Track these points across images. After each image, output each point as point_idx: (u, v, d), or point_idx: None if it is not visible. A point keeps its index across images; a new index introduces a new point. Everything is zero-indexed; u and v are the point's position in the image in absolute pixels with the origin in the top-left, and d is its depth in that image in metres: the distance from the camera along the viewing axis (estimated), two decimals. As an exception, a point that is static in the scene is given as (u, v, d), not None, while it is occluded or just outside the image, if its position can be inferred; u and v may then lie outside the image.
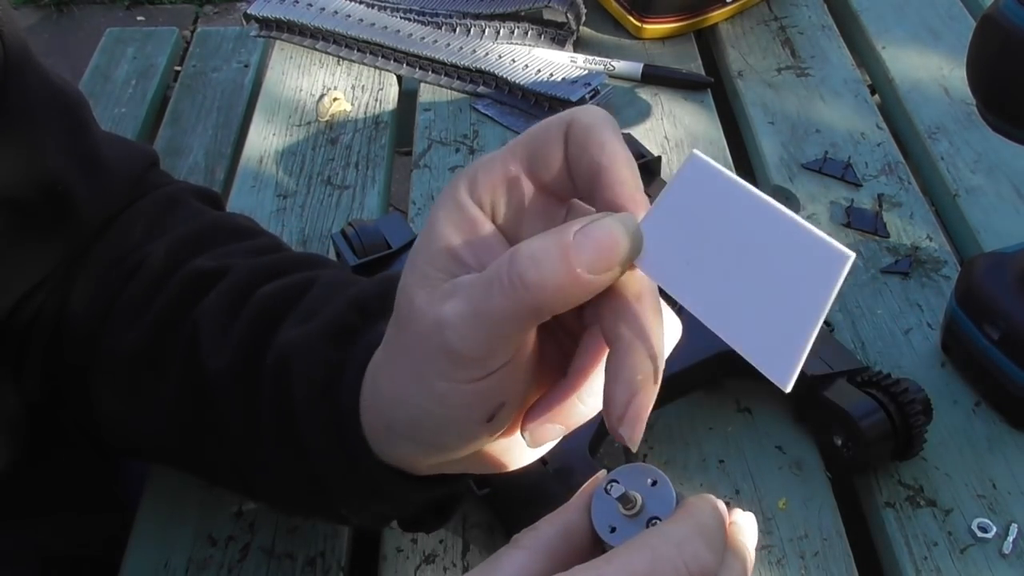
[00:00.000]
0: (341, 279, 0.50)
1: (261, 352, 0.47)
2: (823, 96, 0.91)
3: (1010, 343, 0.61)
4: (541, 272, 0.33)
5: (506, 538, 0.57)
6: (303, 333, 0.46)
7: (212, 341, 0.50)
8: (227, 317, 0.50)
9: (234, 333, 0.49)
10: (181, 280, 0.53)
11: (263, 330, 0.48)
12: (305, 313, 0.48)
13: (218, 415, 0.49)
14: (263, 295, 0.50)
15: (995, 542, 0.57)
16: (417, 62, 0.95)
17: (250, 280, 0.51)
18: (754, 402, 0.64)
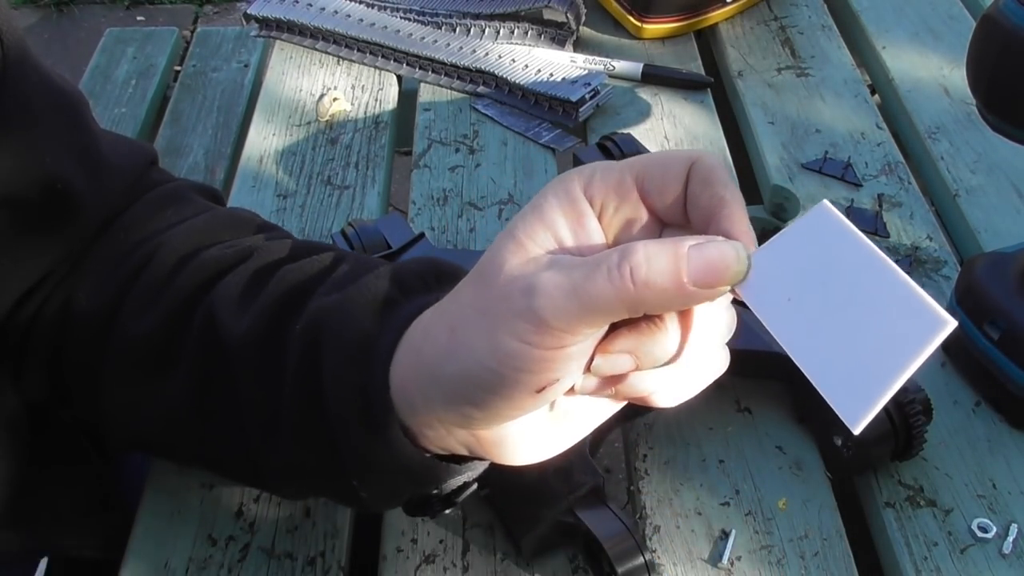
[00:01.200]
0: (369, 259, 0.51)
1: (289, 318, 0.47)
2: (823, 96, 0.91)
3: (1010, 343, 0.61)
4: (651, 271, 0.35)
5: (506, 538, 0.57)
6: (339, 300, 0.46)
7: (231, 314, 0.49)
8: (249, 291, 0.50)
9: (257, 304, 0.49)
10: (198, 266, 0.53)
11: (291, 299, 0.48)
12: (337, 284, 0.48)
13: (235, 387, 0.49)
14: (289, 270, 0.50)
15: (995, 542, 0.57)
16: (417, 62, 0.95)
17: (274, 261, 0.51)
18: (754, 402, 0.64)
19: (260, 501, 0.60)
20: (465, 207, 0.80)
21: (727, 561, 0.56)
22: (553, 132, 0.88)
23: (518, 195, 0.81)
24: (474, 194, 0.81)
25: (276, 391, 0.47)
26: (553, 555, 0.56)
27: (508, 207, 0.80)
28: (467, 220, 0.79)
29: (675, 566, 0.56)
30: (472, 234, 0.77)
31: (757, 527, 0.58)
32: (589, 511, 0.54)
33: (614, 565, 0.52)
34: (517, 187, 0.82)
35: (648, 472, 0.61)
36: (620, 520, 0.53)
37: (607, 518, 0.54)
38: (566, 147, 0.86)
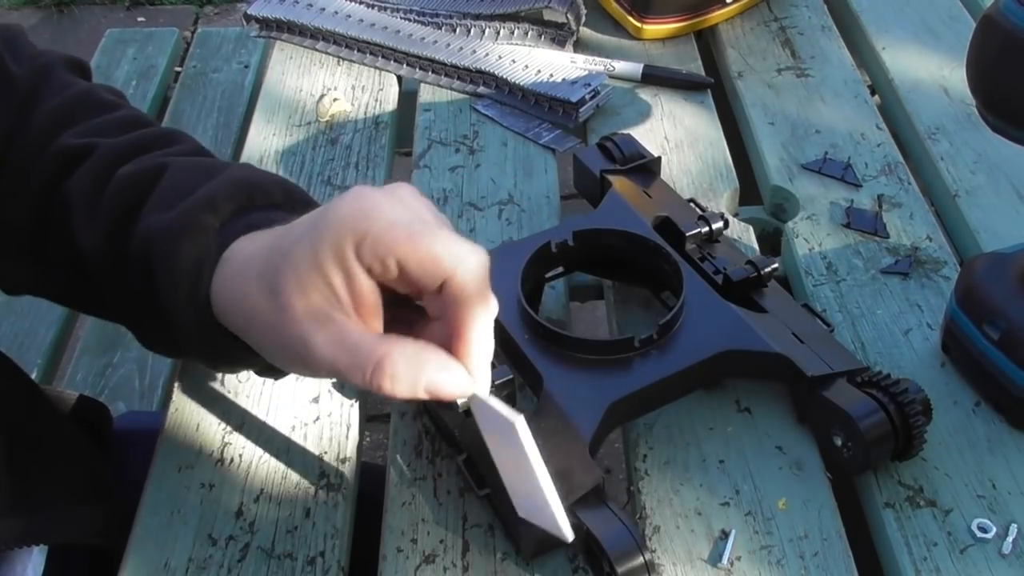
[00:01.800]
0: (192, 165, 0.58)
1: (126, 235, 0.55)
2: (823, 96, 0.91)
3: (1010, 343, 0.61)
4: (394, 388, 0.46)
5: (506, 538, 0.57)
6: (162, 225, 0.54)
7: (81, 220, 0.58)
8: (91, 197, 0.58)
9: (99, 214, 0.57)
10: (52, 157, 0.60)
11: (123, 214, 0.56)
12: (161, 200, 0.55)
13: (92, 280, 0.58)
14: (122, 177, 0.57)
15: (995, 542, 0.57)
16: (417, 62, 0.95)
17: (110, 160, 0.59)
18: (754, 402, 0.64)
19: (260, 501, 0.60)
20: (465, 207, 0.80)
21: (727, 561, 0.56)
22: (553, 132, 0.88)
23: (518, 195, 0.81)
24: (474, 194, 0.81)
25: (124, 291, 0.57)
26: (553, 555, 0.56)
27: (508, 207, 0.80)
28: (467, 220, 0.79)
29: (675, 566, 0.56)
30: (472, 234, 0.77)
31: (757, 527, 0.58)
32: (589, 511, 0.54)
33: (614, 565, 0.52)
34: (517, 187, 0.82)
35: (648, 472, 0.61)
36: (620, 520, 0.54)
37: (607, 518, 0.54)
38: (566, 147, 0.86)
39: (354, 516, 0.60)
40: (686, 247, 0.69)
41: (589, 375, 0.60)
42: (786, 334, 0.63)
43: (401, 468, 0.62)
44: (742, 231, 0.77)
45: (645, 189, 0.74)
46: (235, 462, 0.62)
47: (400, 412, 0.65)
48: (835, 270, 0.73)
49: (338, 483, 0.61)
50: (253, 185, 0.56)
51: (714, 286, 0.66)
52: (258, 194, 0.56)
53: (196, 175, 0.56)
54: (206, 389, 0.67)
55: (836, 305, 0.71)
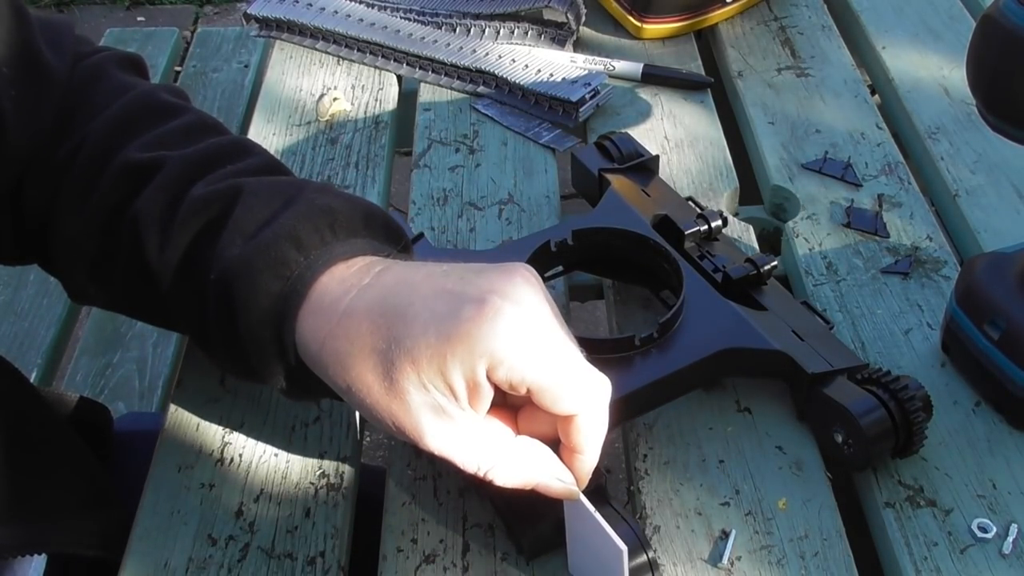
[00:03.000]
0: (269, 188, 0.55)
1: (202, 262, 0.54)
2: (823, 96, 0.91)
3: (1010, 343, 0.61)
4: (506, 483, 0.50)
5: (507, 538, 0.57)
6: (243, 258, 0.52)
7: (154, 242, 0.55)
8: (164, 218, 0.55)
9: (172, 237, 0.55)
10: (118, 172, 0.57)
11: (198, 239, 0.54)
12: (239, 228, 0.53)
13: (164, 301, 0.56)
14: (195, 199, 0.55)
15: (995, 542, 0.57)
16: (417, 62, 0.95)
17: (181, 176, 0.56)
18: (754, 402, 0.64)
19: (260, 501, 0.60)
20: (465, 207, 0.80)
21: (727, 561, 0.56)
22: (553, 132, 0.88)
23: (518, 195, 0.81)
24: (474, 194, 0.81)
25: (199, 317, 0.55)
26: (553, 555, 0.56)
27: (508, 207, 0.80)
28: (467, 220, 0.79)
29: (675, 566, 0.56)
30: (472, 234, 0.77)
31: (757, 527, 0.58)
32: None
33: None
34: (517, 187, 0.82)
35: (648, 472, 0.61)
36: (623, 518, 0.53)
37: (610, 517, 0.54)
38: (566, 147, 0.86)
39: (354, 516, 0.60)
40: (685, 245, 0.69)
41: (589, 375, 0.60)
42: (786, 332, 0.63)
43: (401, 468, 0.61)
44: (742, 231, 0.77)
45: (644, 188, 0.74)
46: (235, 462, 0.62)
47: (400, 412, 0.65)
48: (835, 270, 0.73)
49: (338, 483, 0.61)
50: (335, 214, 0.53)
51: (713, 284, 0.66)
52: (341, 223, 0.53)
53: (274, 199, 0.54)
54: (206, 389, 0.66)
55: (836, 305, 0.71)
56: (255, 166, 0.58)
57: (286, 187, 0.56)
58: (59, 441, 0.66)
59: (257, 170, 0.58)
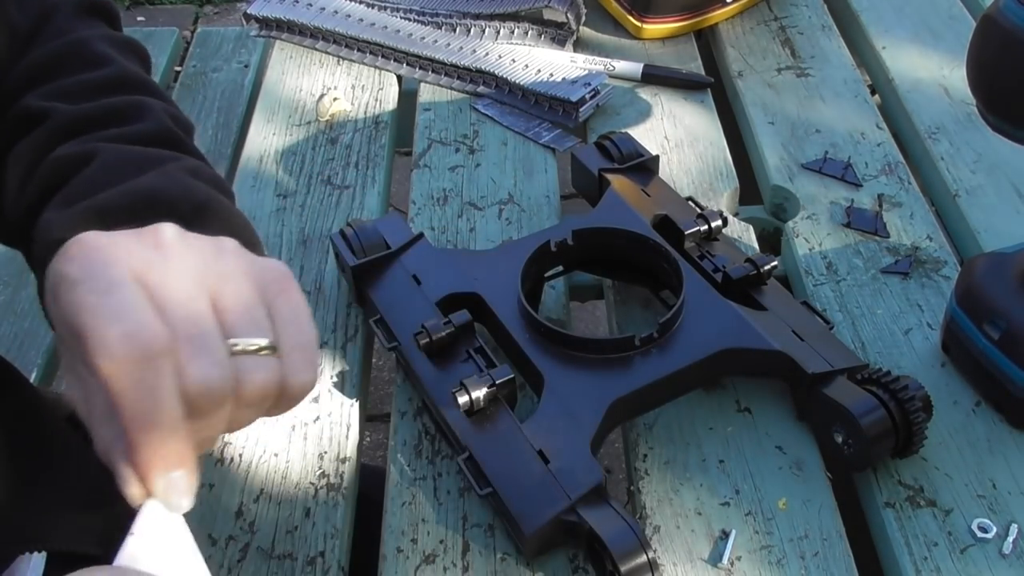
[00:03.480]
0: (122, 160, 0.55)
1: (37, 216, 0.54)
2: (823, 96, 0.91)
3: (1010, 343, 0.61)
4: None
5: (507, 538, 0.57)
6: (52, 224, 0.52)
7: (10, 193, 0.57)
8: (24, 172, 0.57)
9: (23, 195, 0.56)
10: (13, 116, 0.59)
11: (37, 201, 0.55)
12: (70, 194, 0.54)
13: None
14: (52, 159, 0.56)
15: (995, 542, 0.57)
16: (417, 62, 0.95)
17: (55, 133, 0.57)
18: (754, 402, 0.64)
19: (260, 501, 0.60)
20: (465, 207, 0.80)
21: (727, 561, 0.56)
22: (553, 132, 0.88)
23: (518, 195, 0.81)
24: (474, 194, 0.81)
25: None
26: (553, 555, 0.56)
27: (508, 207, 0.80)
28: (467, 220, 0.79)
29: (675, 566, 0.56)
30: (472, 234, 0.77)
31: (757, 527, 0.58)
32: (592, 509, 0.54)
33: (617, 564, 0.52)
34: (517, 187, 0.82)
35: (648, 472, 0.61)
36: (623, 518, 0.54)
37: (610, 516, 0.54)
38: (566, 147, 0.86)
39: (354, 516, 0.60)
40: (685, 245, 0.69)
41: (590, 374, 0.60)
42: (786, 332, 0.63)
43: (401, 468, 0.61)
44: (742, 231, 0.77)
45: (643, 188, 0.74)
46: (235, 462, 0.62)
47: (400, 412, 0.65)
48: (835, 270, 0.73)
49: (338, 483, 0.61)
50: (157, 199, 0.52)
51: (713, 284, 0.66)
52: (161, 208, 0.51)
53: (121, 171, 0.54)
54: (206, 389, 0.66)
55: (836, 305, 0.71)
56: (140, 132, 0.58)
57: (142, 160, 0.55)
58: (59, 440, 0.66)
59: (138, 137, 0.57)
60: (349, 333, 0.70)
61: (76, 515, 0.62)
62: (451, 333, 0.62)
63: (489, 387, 0.59)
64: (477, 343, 0.62)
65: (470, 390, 0.58)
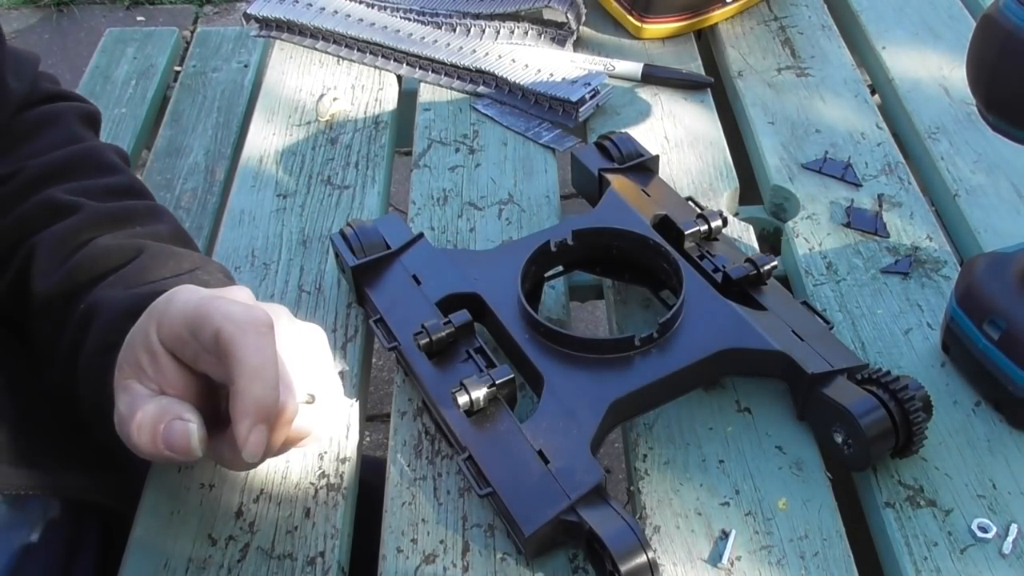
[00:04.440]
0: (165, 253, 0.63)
1: (79, 298, 0.60)
2: (823, 96, 0.91)
3: (1010, 343, 0.61)
4: (140, 441, 0.52)
5: (507, 538, 0.57)
6: (115, 298, 0.59)
7: (44, 268, 0.62)
8: (60, 252, 0.62)
9: (62, 270, 0.61)
10: (40, 204, 0.64)
11: (84, 282, 0.61)
12: (123, 279, 0.60)
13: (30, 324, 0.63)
14: (99, 245, 0.62)
15: (995, 542, 0.57)
16: (417, 62, 0.95)
17: (92, 225, 0.63)
18: (754, 402, 0.64)
19: (260, 501, 0.60)
20: (465, 207, 0.80)
21: (727, 561, 0.56)
22: (553, 132, 0.88)
23: (518, 195, 0.81)
24: (474, 194, 0.81)
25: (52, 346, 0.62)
26: (553, 555, 0.56)
27: (508, 207, 0.80)
28: (467, 220, 0.79)
29: (675, 566, 0.56)
30: (472, 234, 0.77)
31: (757, 527, 0.58)
32: (592, 509, 0.54)
33: (617, 564, 0.52)
34: (517, 187, 0.82)
35: (648, 472, 0.61)
36: (623, 518, 0.54)
37: (610, 516, 0.54)
38: (566, 147, 0.86)
39: (354, 516, 0.60)
40: (685, 245, 0.69)
41: (590, 374, 0.60)
42: (786, 332, 0.63)
43: (401, 468, 0.62)
44: (742, 231, 0.77)
45: (643, 188, 0.74)
46: (235, 462, 0.62)
47: (400, 412, 0.65)
48: (835, 270, 0.73)
49: (338, 483, 0.61)
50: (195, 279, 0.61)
51: (713, 284, 0.66)
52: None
53: (168, 264, 0.62)
54: (206, 389, 0.66)
55: (836, 305, 0.71)
56: (163, 232, 0.65)
57: (184, 260, 0.63)
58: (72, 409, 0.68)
59: (164, 237, 0.65)
60: (349, 333, 0.70)
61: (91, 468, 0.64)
62: (451, 333, 0.62)
63: (489, 387, 0.59)
64: (477, 343, 0.62)
65: (470, 390, 0.58)
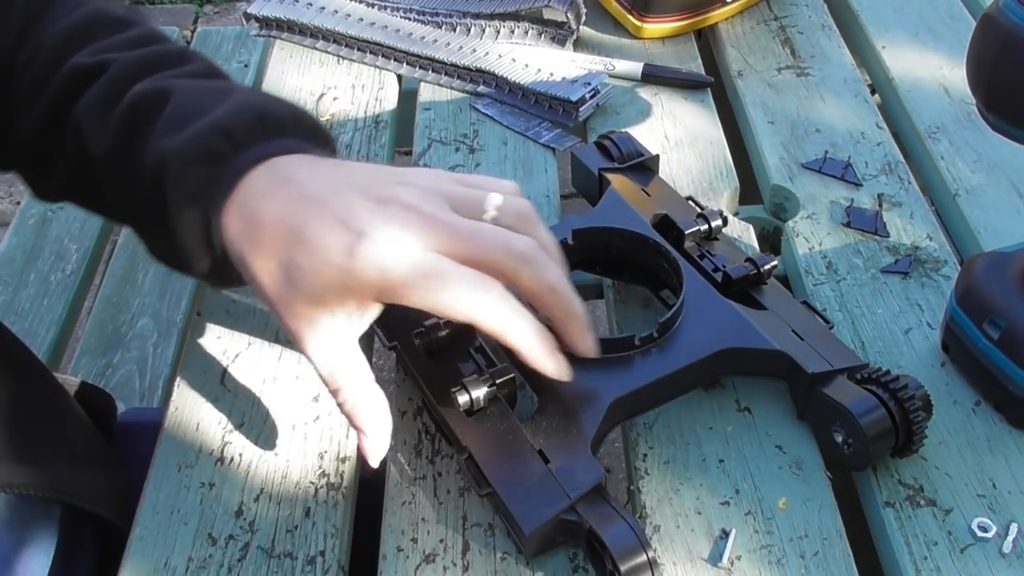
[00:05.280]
0: (201, 88, 0.59)
1: (138, 151, 0.57)
2: (823, 96, 0.91)
3: (1010, 343, 0.61)
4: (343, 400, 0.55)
5: (507, 538, 0.57)
6: (174, 147, 0.55)
7: (94, 129, 0.59)
8: (103, 111, 0.59)
9: (111, 123, 0.58)
10: (64, 76, 0.61)
11: (133, 129, 0.57)
12: (172, 123, 0.56)
13: (101, 188, 0.61)
14: (134, 94, 0.58)
15: (995, 542, 0.57)
16: (417, 61, 0.95)
17: (126, 75, 0.60)
18: (754, 402, 0.64)
19: (260, 500, 0.60)
20: (465, 207, 0.80)
21: (727, 561, 0.56)
22: (553, 132, 0.88)
23: (518, 195, 0.81)
24: (474, 194, 0.81)
25: (132, 204, 0.59)
26: (553, 554, 0.56)
27: (508, 207, 0.80)
28: (467, 220, 0.79)
29: (675, 565, 0.56)
30: (472, 234, 0.77)
31: (757, 527, 0.58)
32: (592, 509, 0.54)
33: (617, 563, 0.52)
34: (517, 187, 0.82)
35: (648, 472, 0.61)
36: (623, 518, 0.54)
37: (610, 516, 0.54)
38: (566, 147, 0.86)
39: (354, 516, 0.60)
40: (685, 245, 0.69)
41: (590, 374, 0.60)
42: (786, 331, 0.63)
43: (401, 467, 0.62)
44: (742, 230, 0.77)
45: (643, 187, 0.74)
46: (235, 461, 0.62)
47: (400, 412, 0.65)
48: (835, 269, 0.73)
49: (338, 482, 0.61)
50: (265, 112, 0.56)
51: (713, 284, 0.66)
52: (270, 121, 0.56)
53: (206, 97, 0.57)
54: (206, 389, 0.67)
55: (836, 304, 0.71)
56: (195, 71, 0.62)
57: (219, 88, 0.59)
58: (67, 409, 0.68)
59: (196, 74, 0.61)
60: (349, 333, 0.70)
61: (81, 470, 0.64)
62: (451, 332, 0.62)
63: (489, 387, 0.59)
64: (477, 343, 0.62)
65: (470, 390, 0.58)
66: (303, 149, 0.56)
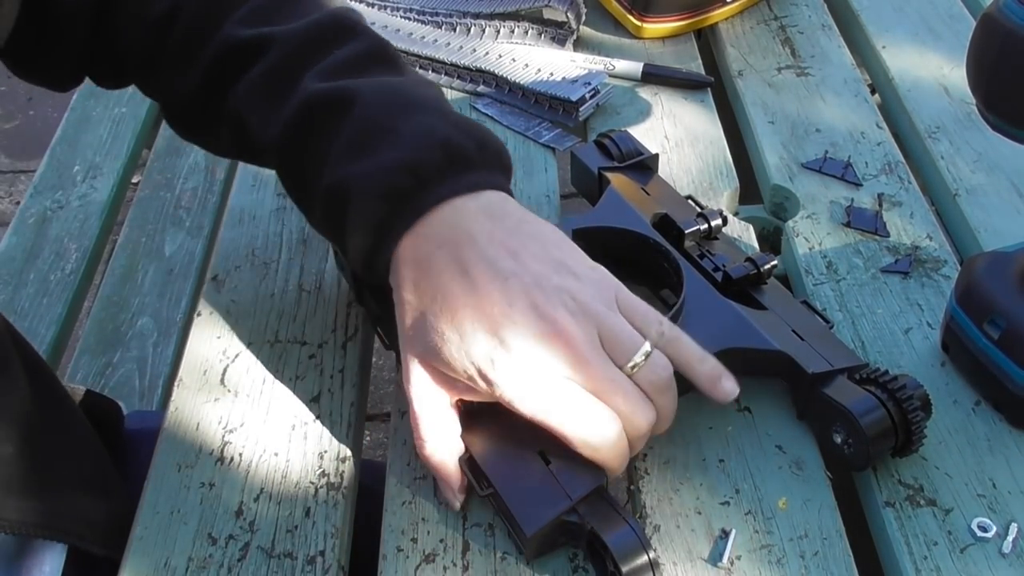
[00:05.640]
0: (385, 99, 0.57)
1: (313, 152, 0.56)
2: (823, 96, 0.91)
3: (1010, 343, 0.61)
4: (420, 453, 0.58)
5: (507, 538, 0.57)
6: (358, 176, 0.55)
7: (258, 116, 0.58)
8: (271, 98, 0.58)
9: (281, 118, 0.57)
10: (220, 49, 0.59)
11: (311, 131, 0.57)
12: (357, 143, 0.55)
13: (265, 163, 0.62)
14: (313, 95, 0.56)
15: (995, 542, 0.57)
16: (417, 61, 0.95)
17: (291, 63, 0.58)
18: (754, 402, 0.64)
19: (260, 500, 0.60)
20: (465, 206, 0.80)
21: (727, 560, 0.56)
22: (553, 131, 0.88)
23: (518, 194, 0.81)
24: (474, 193, 0.81)
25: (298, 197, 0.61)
26: (554, 555, 0.56)
27: (508, 206, 0.80)
28: (467, 219, 0.79)
29: (675, 565, 0.56)
30: (472, 233, 0.77)
31: (757, 526, 0.58)
32: (593, 509, 0.54)
33: (618, 563, 0.52)
34: (517, 187, 0.82)
35: (648, 472, 0.61)
36: (624, 518, 0.54)
37: (611, 516, 0.54)
38: (566, 146, 0.86)
39: (354, 515, 0.60)
40: (685, 244, 0.69)
41: (589, 374, 0.60)
42: (786, 331, 0.63)
43: (401, 467, 0.62)
44: (742, 230, 0.77)
45: (643, 186, 0.74)
46: (235, 461, 0.62)
47: (400, 411, 0.65)
48: (835, 269, 0.73)
49: (338, 482, 0.61)
50: (449, 143, 0.56)
51: (713, 283, 0.66)
52: (455, 153, 0.56)
53: (389, 113, 0.56)
54: (206, 389, 0.67)
55: (836, 304, 0.71)
56: (362, 53, 0.59)
57: (399, 96, 0.58)
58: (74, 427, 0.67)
59: (364, 59, 0.59)
60: (349, 333, 0.70)
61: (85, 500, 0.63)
62: (451, 333, 0.62)
63: (489, 387, 0.59)
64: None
65: (470, 390, 0.58)
66: (486, 183, 0.56)
